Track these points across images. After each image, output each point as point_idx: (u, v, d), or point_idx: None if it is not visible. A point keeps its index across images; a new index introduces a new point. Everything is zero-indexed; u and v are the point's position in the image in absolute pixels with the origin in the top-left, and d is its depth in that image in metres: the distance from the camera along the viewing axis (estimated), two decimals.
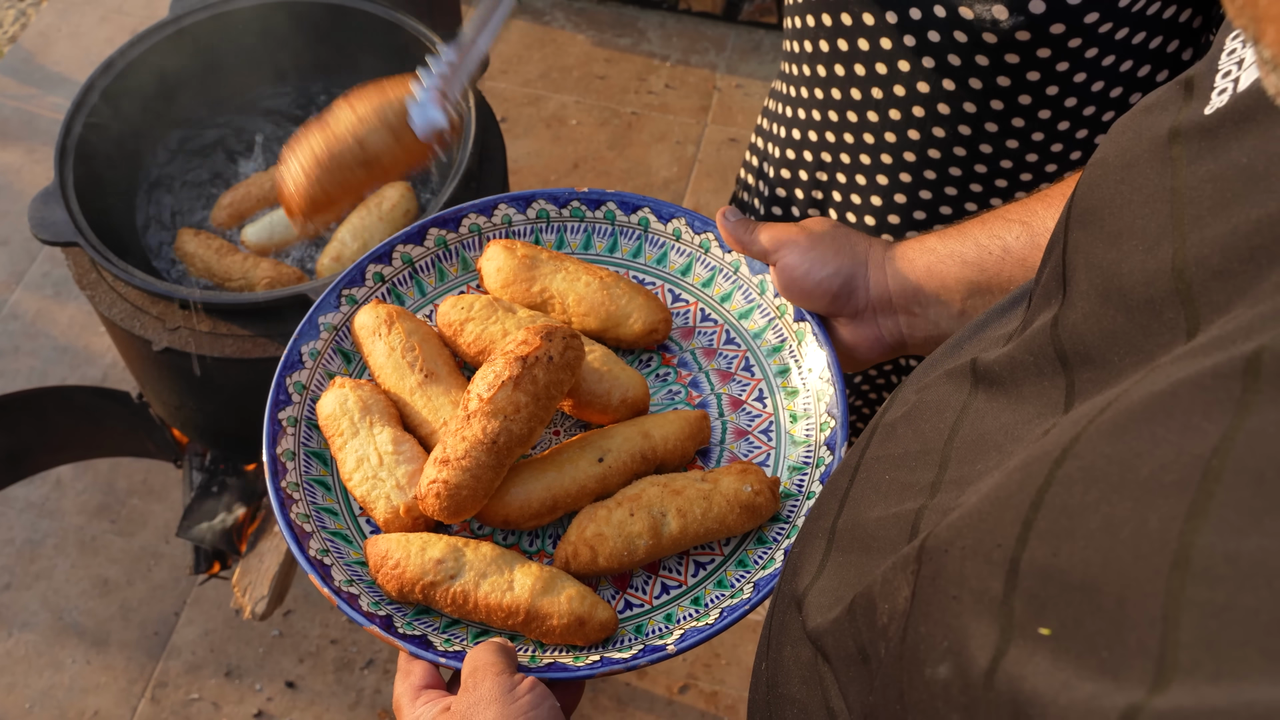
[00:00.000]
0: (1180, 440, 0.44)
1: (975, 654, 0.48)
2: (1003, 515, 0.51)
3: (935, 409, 0.73)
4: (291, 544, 1.01)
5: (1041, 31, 1.16)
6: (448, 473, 0.98)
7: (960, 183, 1.38)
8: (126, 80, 1.89)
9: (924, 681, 0.52)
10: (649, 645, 0.98)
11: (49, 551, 2.68)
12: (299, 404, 1.11)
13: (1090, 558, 0.44)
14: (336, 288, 1.17)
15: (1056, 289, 0.65)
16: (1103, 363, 0.58)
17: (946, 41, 1.23)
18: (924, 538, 0.58)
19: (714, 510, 1.03)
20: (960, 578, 0.52)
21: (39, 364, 2.97)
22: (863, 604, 0.63)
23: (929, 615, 0.54)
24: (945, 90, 1.28)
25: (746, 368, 1.18)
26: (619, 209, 1.25)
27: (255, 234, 1.87)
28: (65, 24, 3.70)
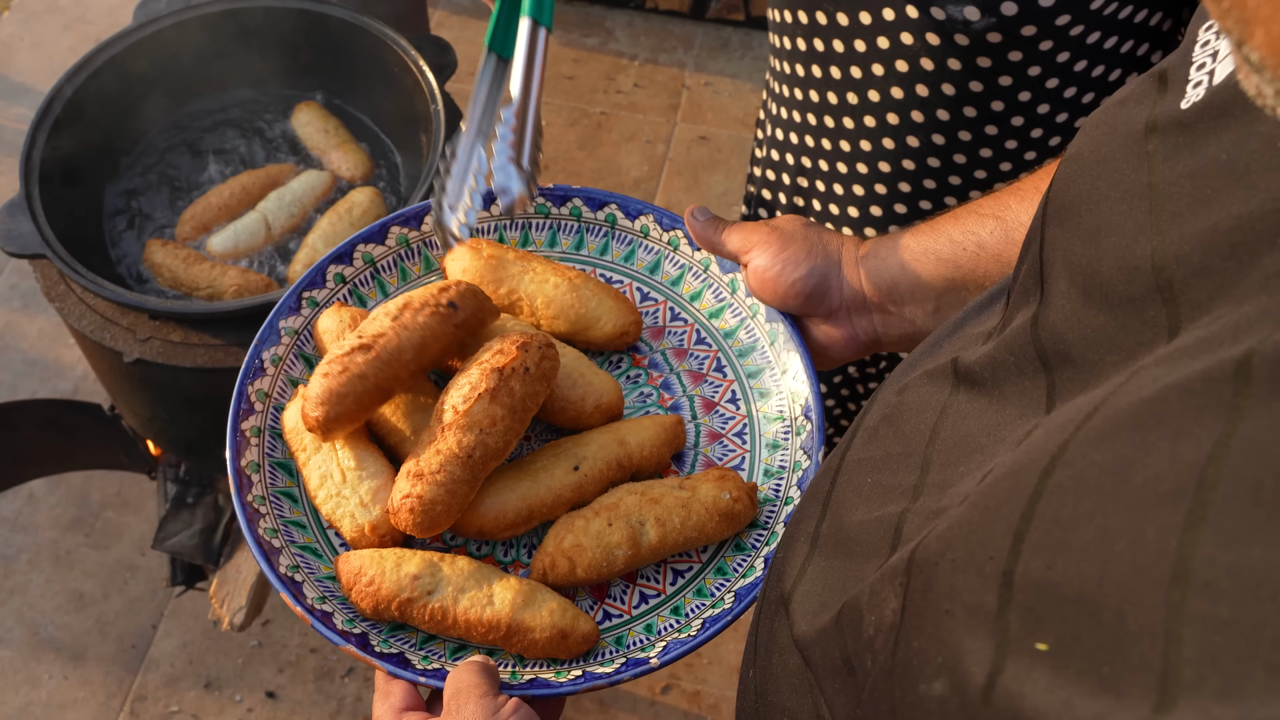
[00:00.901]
0: (1173, 448, 0.43)
1: (971, 670, 0.48)
2: (993, 526, 0.50)
3: (916, 410, 0.73)
4: (260, 561, 0.98)
5: (1013, 34, 1.16)
6: (421, 487, 0.96)
7: (934, 194, 1.38)
8: (91, 89, 1.87)
9: (918, 697, 0.52)
10: (631, 659, 0.97)
11: (23, 566, 2.66)
12: (262, 413, 1.08)
13: (1086, 570, 0.44)
14: (296, 290, 1.13)
15: (1034, 287, 0.64)
16: (1084, 362, 0.57)
17: (919, 44, 1.23)
18: (913, 549, 0.57)
19: (693, 518, 1.02)
20: (952, 591, 0.51)
21: (9, 378, 2.94)
22: (849, 615, 0.63)
23: (921, 629, 0.53)
24: (919, 96, 1.28)
25: (719, 368, 1.16)
26: (585, 205, 1.22)
27: (221, 243, 1.86)
28: (28, 34, 3.66)
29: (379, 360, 1.00)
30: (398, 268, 1.19)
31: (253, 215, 1.88)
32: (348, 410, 1.00)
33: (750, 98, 3.51)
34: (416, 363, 1.03)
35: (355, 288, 1.17)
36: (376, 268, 1.18)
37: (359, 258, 1.17)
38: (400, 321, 1.02)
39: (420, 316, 1.02)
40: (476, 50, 3.59)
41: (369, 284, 1.18)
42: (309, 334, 1.13)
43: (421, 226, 1.20)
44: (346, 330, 1.09)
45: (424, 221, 1.20)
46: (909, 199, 1.40)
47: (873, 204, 1.44)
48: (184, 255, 1.82)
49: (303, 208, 1.91)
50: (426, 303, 1.03)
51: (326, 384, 0.99)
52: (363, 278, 1.17)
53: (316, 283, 1.15)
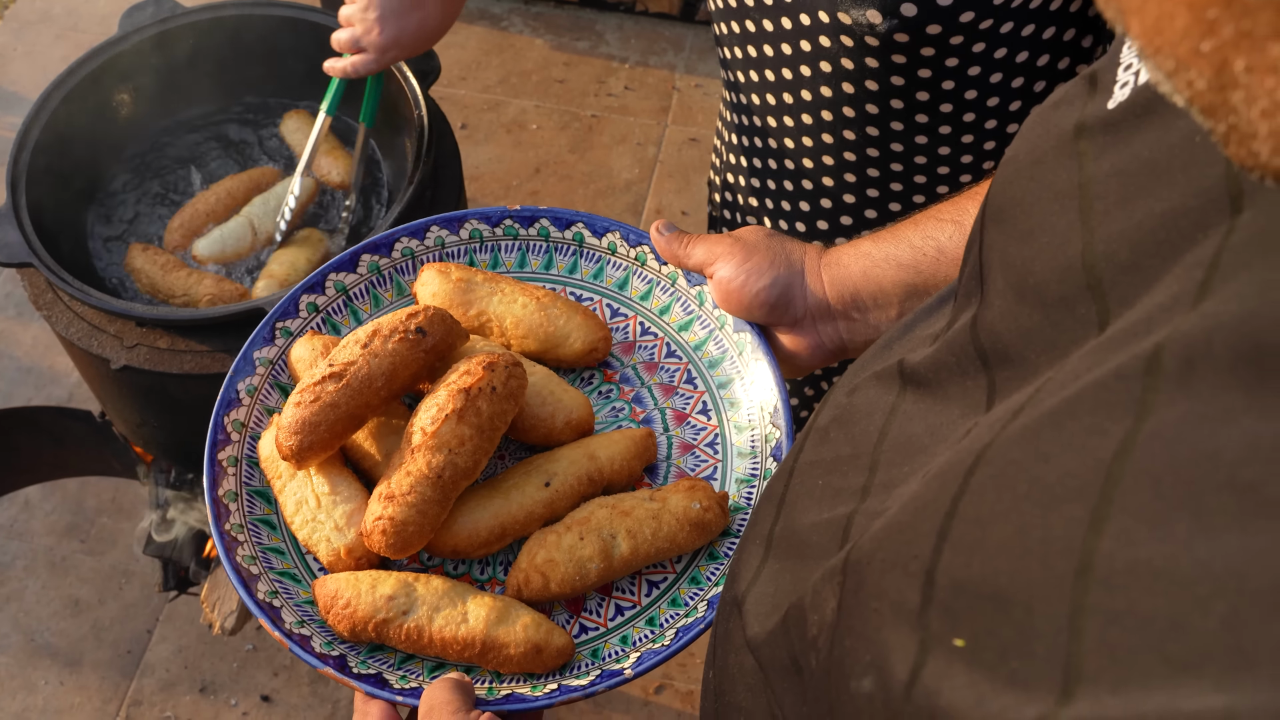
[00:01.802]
0: (1084, 445, 0.44)
1: (895, 667, 0.48)
2: (919, 525, 0.51)
3: (865, 412, 0.73)
4: (239, 588, 0.99)
5: (919, 32, 1.17)
6: (393, 509, 0.97)
7: (880, 183, 1.40)
8: (78, 99, 1.88)
9: (849, 694, 0.52)
10: (606, 670, 0.97)
11: (19, 573, 2.67)
12: (239, 443, 1.09)
13: (1000, 567, 0.45)
14: (270, 321, 1.15)
15: (975, 288, 0.65)
16: (1020, 361, 0.58)
17: (836, 46, 1.25)
18: (849, 549, 0.58)
19: (664, 529, 1.03)
20: (880, 590, 0.52)
21: (3, 385, 2.96)
22: (795, 615, 0.63)
23: (853, 628, 0.54)
24: (846, 93, 1.30)
25: (689, 380, 1.17)
26: (552, 225, 1.24)
27: (207, 247, 1.87)
28: (20, 43, 3.68)
29: (350, 388, 1.02)
30: (370, 294, 1.21)
31: (238, 220, 1.89)
32: (320, 438, 1.01)
33: None
34: (387, 389, 1.04)
35: (328, 316, 1.19)
36: (349, 295, 1.20)
37: (331, 286, 1.19)
38: (370, 349, 1.03)
39: (390, 343, 1.04)
40: (466, 53, 3.61)
41: (342, 312, 1.19)
42: (284, 363, 1.15)
43: (391, 254, 1.22)
44: (319, 358, 1.10)
45: (393, 249, 1.22)
46: (856, 189, 1.41)
47: (823, 197, 1.45)
48: (163, 261, 1.83)
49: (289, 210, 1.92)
50: (395, 329, 1.05)
51: (299, 413, 1.01)
52: (335, 306, 1.19)
53: (290, 312, 1.17)
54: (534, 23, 3.72)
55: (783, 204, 1.53)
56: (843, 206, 1.46)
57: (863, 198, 1.43)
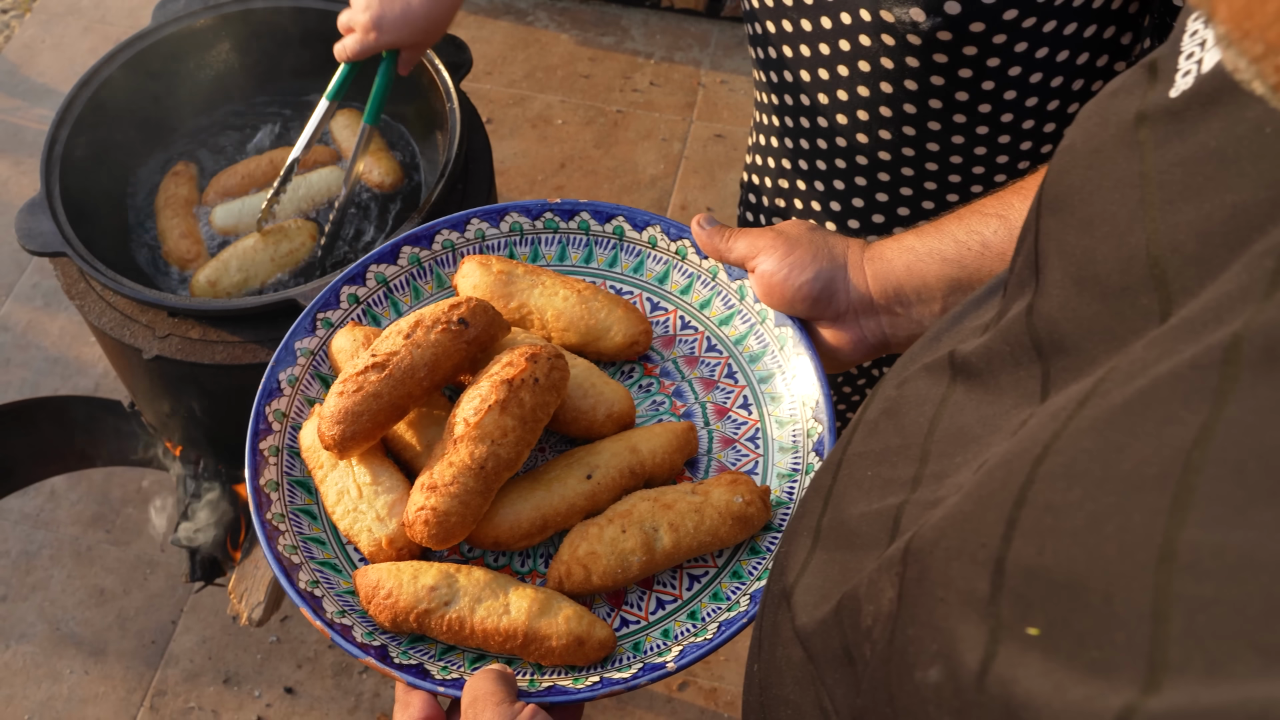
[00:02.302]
0: (1160, 433, 0.43)
1: (965, 656, 0.48)
2: (986, 514, 0.51)
3: (915, 403, 0.73)
4: (280, 577, 0.99)
5: (962, 30, 1.17)
6: (435, 499, 0.97)
7: (914, 182, 1.39)
8: (111, 90, 1.89)
9: (914, 685, 0.52)
10: (649, 664, 0.97)
11: (44, 562, 2.68)
12: (280, 432, 1.09)
13: (1075, 555, 0.44)
14: (311, 312, 1.16)
15: (1030, 277, 0.65)
16: (1077, 351, 0.57)
17: (877, 45, 1.24)
18: (908, 538, 0.58)
19: (706, 523, 1.02)
20: (946, 579, 0.52)
21: (30, 375, 2.97)
22: (848, 605, 0.63)
23: (917, 617, 0.54)
24: (884, 93, 1.29)
25: (729, 375, 1.17)
26: (593, 219, 1.24)
27: (223, 217, 1.88)
28: (49, 35, 3.69)
29: (392, 378, 1.02)
30: (410, 286, 1.21)
31: (259, 197, 1.90)
32: (363, 428, 1.01)
33: None
34: (429, 379, 1.04)
35: (369, 307, 1.19)
36: (389, 287, 1.20)
37: (371, 278, 1.20)
38: (412, 339, 1.03)
39: (432, 334, 1.04)
40: (492, 48, 3.61)
41: (382, 303, 1.20)
42: (324, 354, 1.15)
43: (432, 246, 1.22)
44: (360, 349, 1.11)
45: (433, 241, 1.22)
46: (890, 188, 1.41)
47: (855, 196, 1.44)
48: (185, 228, 1.86)
49: (312, 202, 1.92)
50: (438, 320, 1.05)
51: (341, 403, 1.01)
52: (376, 297, 1.20)
53: (330, 303, 1.17)
54: (559, 18, 3.72)
55: (813, 204, 1.52)
56: (876, 206, 1.45)
57: (897, 197, 1.42)
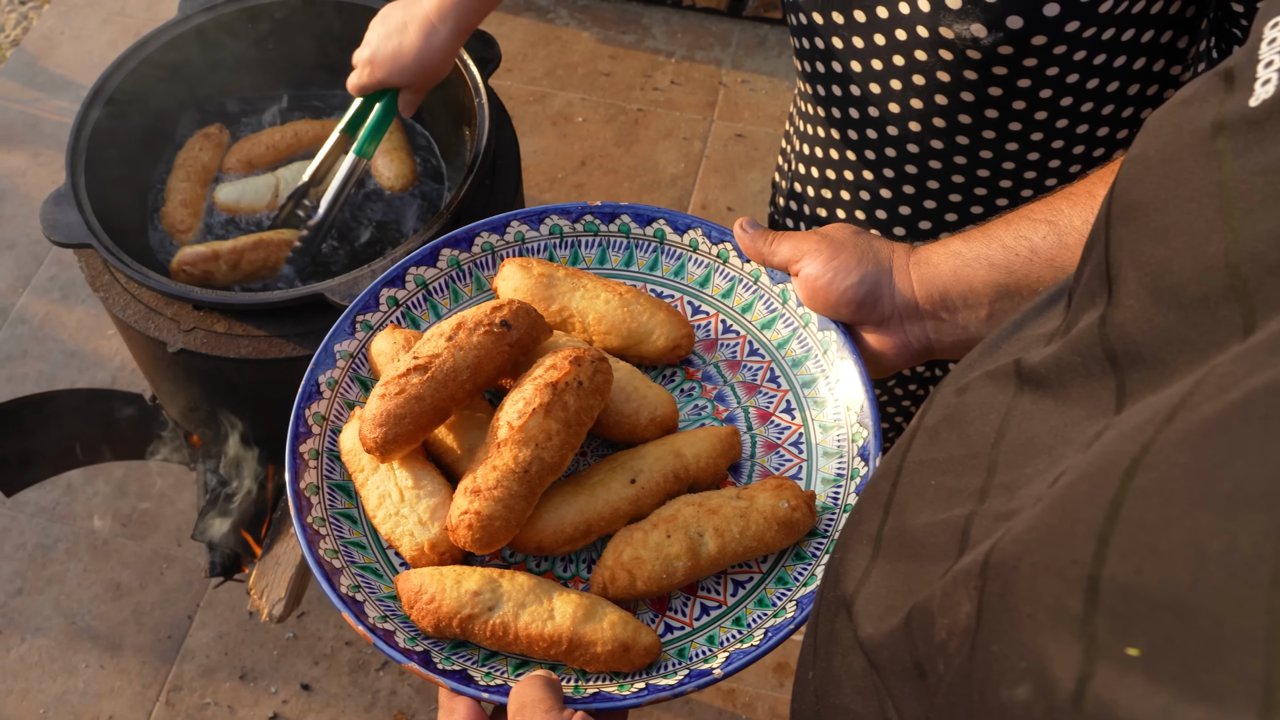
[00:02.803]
0: (1262, 450, 0.42)
1: (1058, 675, 0.47)
2: (1074, 530, 0.50)
3: (978, 411, 0.72)
4: (322, 581, 0.98)
5: (1024, 44, 1.15)
6: (479, 503, 0.96)
7: (964, 189, 1.38)
8: (137, 80, 1.88)
9: (999, 702, 0.51)
10: (695, 670, 0.95)
11: (60, 556, 2.67)
12: (320, 436, 1.08)
13: (1178, 575, 0.43)
14: (350, 314, 1.15)
15: (1101, 287, 0.64)
16: (1155, 362, 0.56)
17: (933, 60, 1.22)
18: (986, 551, 0.57)
19: (751, 528, 1.01)
20: (1033, 595, 0.51)
21: (47, 368, 2.96)
22: (919, 618, 0.62)
23: (1001, 634, 0.52)
24: (939, 105, 1.28)
25: (772, 379, 1.16)
26: (634, 222, 1.22)
27: (226, 195, 1.88)
28: (68, 27, 3.69)
29: (435, 381, 1.01)
30: (449, 289, 1.20)
31: (266, 177, 1.90)
32: (405, 431, 1.00)
33: (787, 96, 3.50)
34: (472, 382, 1.03)
35: (408, 310, 1.18)
36: (428, 290, 1.19)
37: (411, 280, 1.19)
38: (455, 342, 1.02)
39: (474, 336, 1.03)
40: (513, 45, 3.59)
41: (421, 306, 1.19)
42: (363, 357, 1.14)
43: (471, 248, 1.21)
44: (401, 352, 1.10)
45: (473, 244, 1.21)
46: (938, 196, 1.40)
47: (902, 204, 1.43)
48: (189, 196, 1.86)
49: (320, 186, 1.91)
50: (480, 322, 1.04)
51: (384, 405, 1.00)
52: (415, 300, 1.19)
53: (370, 306, 1.16)
54: (580, 15, 3.71)
55: (857, 213, 1.51)
56: (924, 213, 1.44)
57: (945, 204, 1.41)
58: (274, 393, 1.77)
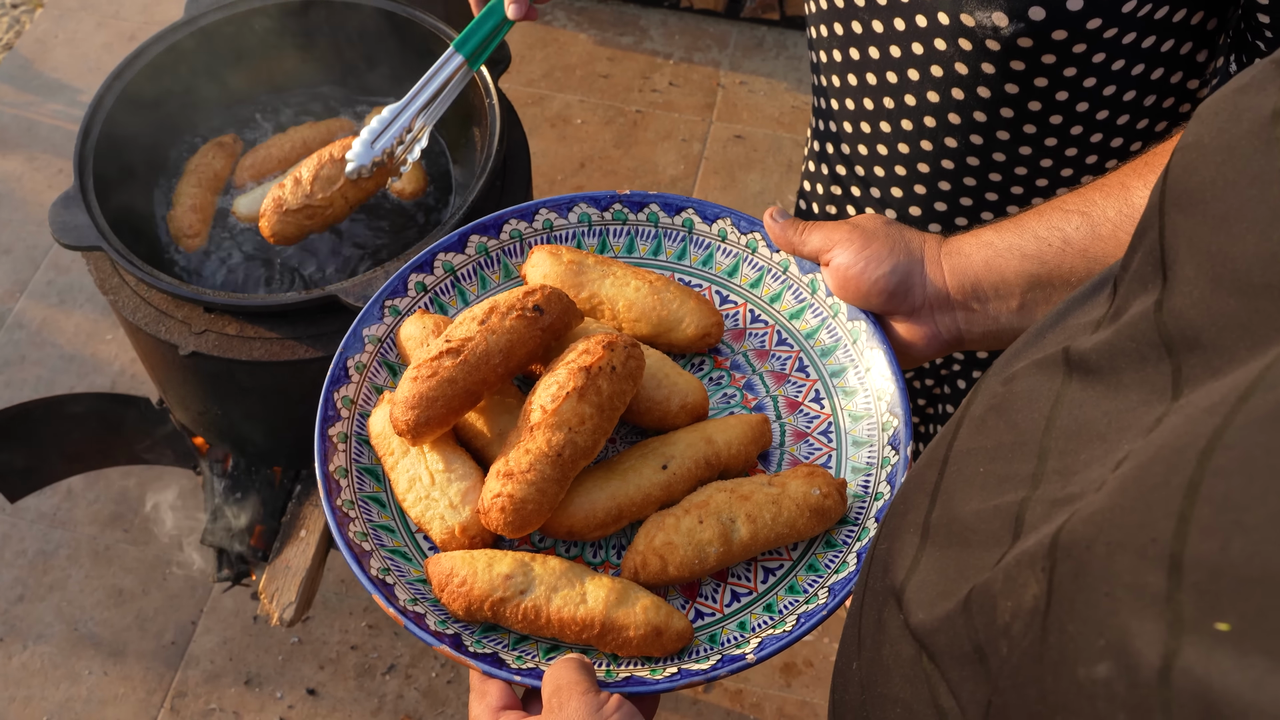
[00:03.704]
0: None
1: (1142, 651, 0.47)
2: (1150, 509, 0.50)
3: (1026, 399, 0.72)
4: (352, 564, 0.98)
5: (1044, 38, 1.16)
6: (512, 486, 0.96)
7: (975, 192, 1.38)
8: (144, 81, 1.86)
9: (1075, 681, 0.51)
10: (727, 655, 0.96)
11: (62, 562, 2.65)
12: (348, 419, 1.09)
13: (1268, 551, 0.44)
14: (379, 298, 1.15)
15: (1154, 274, 0.64)
16: (1214, 348, 0.57)
17: (953, 50, 1.23)
18: (1054, 534, 0.57)
19: (783, 515, 1.01)
20: (1110, 574, 0.51)
21: (46, 373, 2.94)
22: (979, 601, 0.62)
23: (1076, 613, 0.53)
24: (955, 99, 1.28)
25: (801, 369, 1.16)
26: (662, 211, 1.23)
27: (247, 205, 1.87)
28: (61, 30, 3.67)
29: (467, 364, 1.01)
30: (477, 276, 1.20)
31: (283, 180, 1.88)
32: (437, 414, 1.00)
33: (785, 97, 3.50)
34: (504, 366, 1.03)
35: (436, 295, 1.18)
36: (456, 276, 1.20)
37: (439, 266, 1.19)
38: (487, 325, 1.02)
39: (507, 320, 1.03)
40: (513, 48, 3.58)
41: (449, 292, 1.19)
42: (392, 341, 1.15)
43: (500, 235, 1.21)
44: (430, 337, 1.10)
45: (501, 230, 1.21)
46: (949, 197, 1.40)
47: (912, 204, 1.43)
48: (198, 202, 1.84)
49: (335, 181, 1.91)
50: (513, 306, 1.04)
51: (416, 388, 1.00)
52: (443, 286, 1.19)
53: (398, 291, 1.17)
54: (578, 17, 3.70)
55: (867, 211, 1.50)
56: (933, 215, 1.43)
57: (955, 206, 1.41)
58: (286, 395, 1.76)
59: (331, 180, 1.68)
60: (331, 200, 1.69)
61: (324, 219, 1.72)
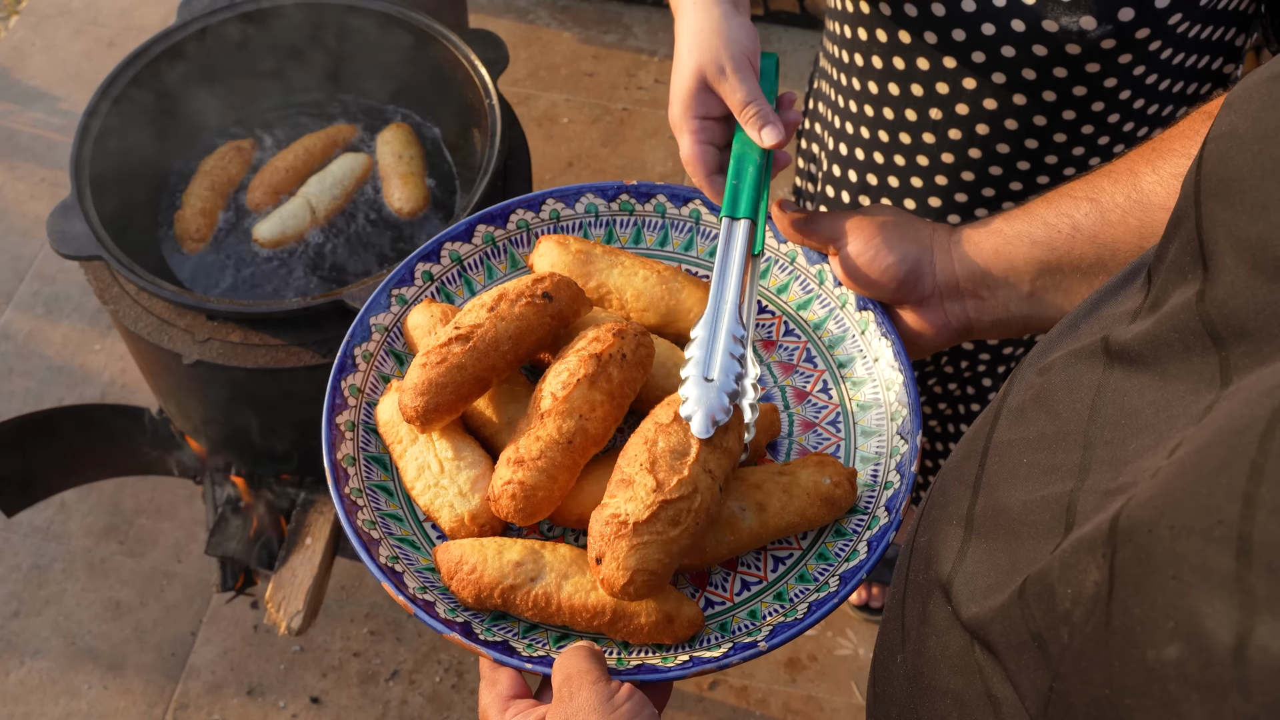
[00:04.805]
0: None
1: (1214, 632, 0.48)
2: (1214, 492, 0.50)
3: (1066, 389, 0.72)
4: (361, 551, 0.98)
5: (1128, 38, 1.15)
6: (523, 473, 0.95)
7: (1018, 196, 1.38)
8: (139, 88, 1.85)
9: (1145, 664, 0.51)
10: (739, 643, 0.95)
11: (57, 576, 2.62)
12: (355, 408, 1.08)
13: None
14: (386, 287, 1.15)
15: (1194, 264, 0.64)
16: (1261, 335, 0.57)
17: (1022, 56, 1.22)
18: (1112, 520, 0.57)
19: (794, 503, 1.01)
20: (1176, 557, 0.51)
21: (34, 385, 2.91)
22: (1036, 590, 0.62)
23: (1142, 597, 0.53)
24: (1016, 105, 1.27)
25: (808, 359, 1.16)
26: (669, 201, 1.22)
27: (268, 230, 1.85)
28: (39, 38, 3.62)
29: (477, 351, 1.00)
30: (484, 265, 1.20)
31: (296, 201, 1.87)
32: (447, 400, 0.99)
33: None
34: (514, 353, 1.02)
35: (443, 285, 1.18)
36: (463, 265, 1.19)
37: (446, 256, 1.18)
38: (497, 312, 1.02)
39: (516, 307, 1.02)
40: None
41: (456, 281, 1.18)
42: (399, 330, 1.14)
43: (506, 225, 1.20)
44: (437, 325, 1.09)
45: (508, 220, 1.19)
46: (991, 203, 1.39)
47: (952, 213, 1.43)
48: (207, 206, 1.83)
49: (344, 190, 1.89)
50: (522, 293, 1.03)
51: (426, 374, 0.99)
52: (450, 275, 1.18)
53: (405, 280, 1.16)
54: (561, 16, 3.69)
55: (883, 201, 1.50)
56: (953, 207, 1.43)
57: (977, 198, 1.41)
58: (292, 402, 1.74)
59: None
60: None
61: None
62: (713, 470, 0.95)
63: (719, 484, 0.95)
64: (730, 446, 0.97)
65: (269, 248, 1.84)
